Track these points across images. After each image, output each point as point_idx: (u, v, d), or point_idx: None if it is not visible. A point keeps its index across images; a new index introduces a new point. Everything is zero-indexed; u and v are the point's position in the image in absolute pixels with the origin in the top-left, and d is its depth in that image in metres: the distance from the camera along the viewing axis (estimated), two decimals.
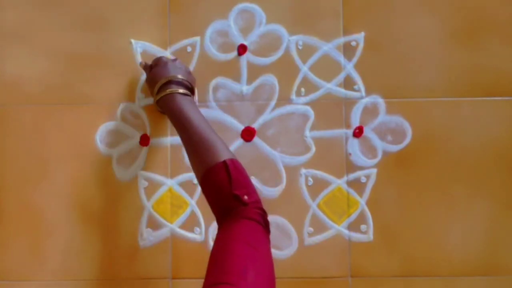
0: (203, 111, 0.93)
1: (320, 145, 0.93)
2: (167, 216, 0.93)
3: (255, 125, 0.93)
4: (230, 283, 0.59)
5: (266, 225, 0.71)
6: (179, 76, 0.84)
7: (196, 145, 0.76)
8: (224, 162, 0.72)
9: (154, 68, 0.87)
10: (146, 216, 0.93)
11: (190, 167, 0.92)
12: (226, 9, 0.94)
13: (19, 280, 0.92)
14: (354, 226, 0.92)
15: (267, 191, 0.92)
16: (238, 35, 0.94)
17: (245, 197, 0.70)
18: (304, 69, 0.93)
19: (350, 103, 0.93)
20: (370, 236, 0.91)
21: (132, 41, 0.94)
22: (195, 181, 0.93)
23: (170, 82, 0.83)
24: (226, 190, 0.71)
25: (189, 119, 0.78)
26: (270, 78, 0.94)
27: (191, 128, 0.77)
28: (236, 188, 0.70)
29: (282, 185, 0.92)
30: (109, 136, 0.94)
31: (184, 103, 0.81)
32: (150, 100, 0.94)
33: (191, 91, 0.86)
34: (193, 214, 0.93)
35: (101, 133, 0.94)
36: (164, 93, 0.82)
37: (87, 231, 0.92)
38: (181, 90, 0.82)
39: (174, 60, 0.88)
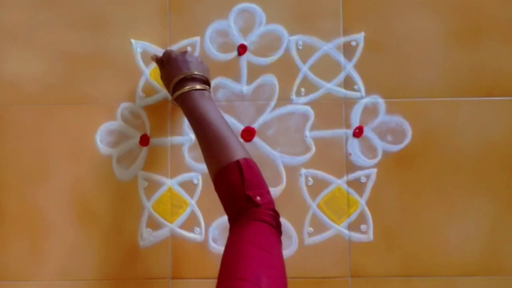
0: None
1: (320, 145, 0.93)
2: (167, 216, 0.93)
3: (255, 125, 0.93)
4: None
5: (278, 227, 0.70)
6: (193, 71, 0.82)
7: (210, 143, 0.75)
8: (238, 161, 0.71)
9: (166, 65, 0.85)
10: (146, 216, 0.93)
11: (190, 167, 0.93)
12: (226, 9, 0.94)
13: (19, 280, 0.92)
14: (354, 226, 0.92)
15: None
16: (238, 35, 0.94)
17: (258, 198, 0.69)
18: (304, 69, 0.93)
19: (350, 103, 0.93)
20: (370, 236, 0.91)
21: (132, 41, 0.94)
22: (195, 181, 0.93)
23: (184, 79, 0.81)
24: (239, 191, 0.69)
25: (205, 117, 0.77)
26: (270, 78, 0.94)
27: (207, 126, 0.76)
28: (248, 188, 0.69)
29: (282, 185, 0.92)
30: (109, 136, 0.94)
31: (201, 100, 0.79)
32: (150, 100, 0.94)
33: (207, 82, 0.84)
34: (193, 214, 0.93)
35: (101, 133, 0.94)
36: (179, 92, 0.80)
37: (87, 231, 0.93)
38: (197, 86, 0.80)
39: (184, 53, 0.85)
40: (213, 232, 0.92)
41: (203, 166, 0.93)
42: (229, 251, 0.65)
